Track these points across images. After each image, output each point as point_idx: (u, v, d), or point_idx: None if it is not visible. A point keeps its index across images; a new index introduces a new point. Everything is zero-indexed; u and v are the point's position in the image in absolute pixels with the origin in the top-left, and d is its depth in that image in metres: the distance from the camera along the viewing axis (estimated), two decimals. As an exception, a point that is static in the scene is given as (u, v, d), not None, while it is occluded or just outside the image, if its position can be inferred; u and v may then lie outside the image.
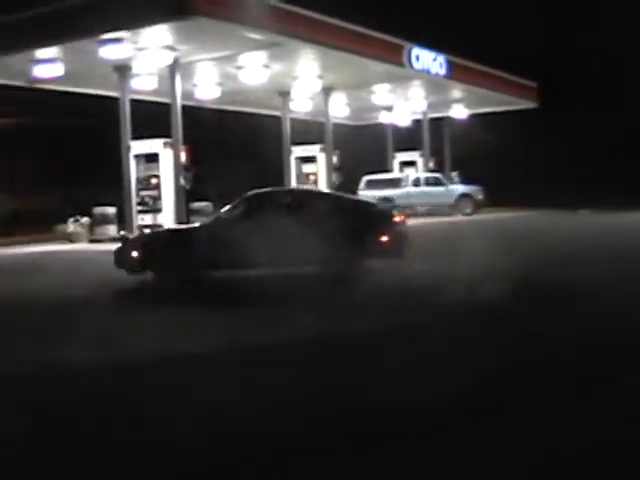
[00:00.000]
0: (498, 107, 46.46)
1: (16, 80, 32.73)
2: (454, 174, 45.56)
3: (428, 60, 36.69)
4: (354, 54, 31.49)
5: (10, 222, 36.25)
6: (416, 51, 35.78)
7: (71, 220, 31.72)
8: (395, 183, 41.06)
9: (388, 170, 45.12)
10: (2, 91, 38.23)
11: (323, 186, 38.05)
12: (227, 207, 17.00)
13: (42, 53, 28.65)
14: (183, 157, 29.40)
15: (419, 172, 44.12)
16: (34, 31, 27.46)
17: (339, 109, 42.34)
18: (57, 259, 24.78)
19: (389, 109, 44.05)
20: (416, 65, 35.81)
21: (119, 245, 16.81)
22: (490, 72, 41.65)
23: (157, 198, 30.10)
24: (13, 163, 40.39)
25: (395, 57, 34.56)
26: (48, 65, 29.21)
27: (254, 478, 5.71)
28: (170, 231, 19.72)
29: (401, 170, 46.03)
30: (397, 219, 16.68)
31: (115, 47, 26.72)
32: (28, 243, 30.73)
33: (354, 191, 40.12)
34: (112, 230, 30.59)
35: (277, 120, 38.65)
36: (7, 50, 28.22)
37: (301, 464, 5.81)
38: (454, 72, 38.58)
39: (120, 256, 16.07)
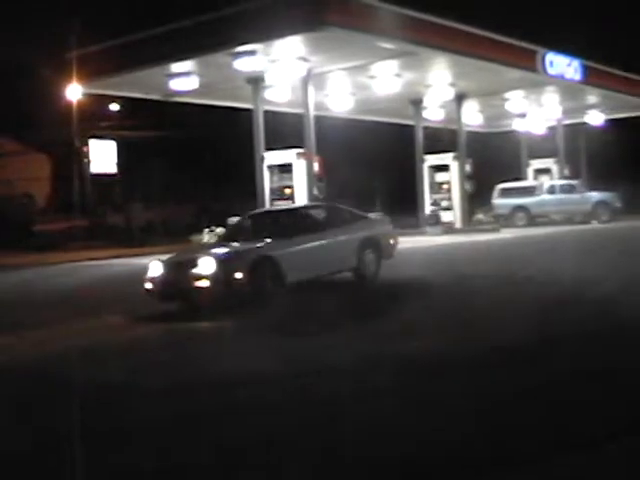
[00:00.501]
0: (636, 112, 45.23)
1: (152, 94, 33.56)
2: (577, 182, 44.01)
3: (562, 65, 35.97)
4: (487, 61, 31.12)
5: (145, 232, 37.09)
6: (550, 56, 35.12)
7: (206, 230, 32.21)
8: (530, 191, 40.36)
9: (522, 178, 44.40)
10: (139, 105, 39.38)
11: (456, 195, 37.69)
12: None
13: (178, 67, 29.23)
14: (316, 167, 29.56)
15: (554, 179, 43.27)
16: (170, 45, 28.03)
17: (472, 117, 41.92)
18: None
19: (523, 116, 43.37)
20: (550, 71, 35.15)
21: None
22: (627, 76, 40.60)
23: (291, 208, 30.31)
24: (150, 175, 41.39)
25: (529, 63, 34.01)
26: (183, 78, 29.80)
27: None
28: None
29: (535, 178, 45.21)
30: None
31: (249, 59, 27.07)
32: (162, 254, 31.30)
33: (488, 200, 39.68)
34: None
35: (409, 129, 38.50)
36: (144, 64, 28.93)
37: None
38: (589, 77, 37.72)
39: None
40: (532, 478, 5.74)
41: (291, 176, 30.45)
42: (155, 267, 15.00)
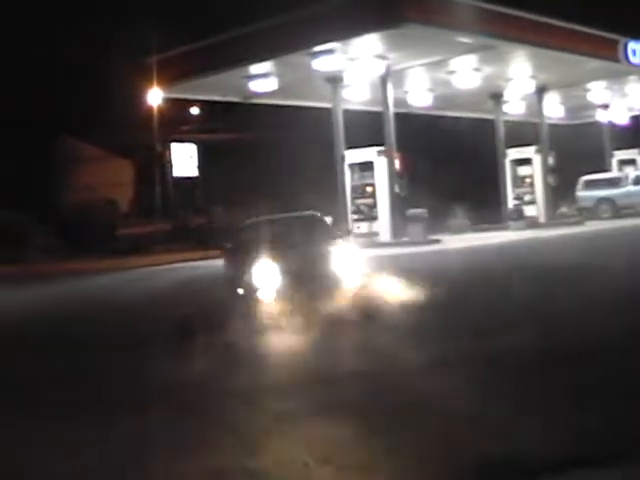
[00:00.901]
0: None
1: (231, 96, 33.80)
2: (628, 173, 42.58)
3: (646, 54, 35.28)
4: (567, 52, 30.71)
5: (227, 234, 37.29)
6: (632, 45, 34.40)
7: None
8: (614, 182, 39.65)
9: (606, 169, 43.65)
10: (219, 107, 39.69)
11: (539, 188, 37.23)
12: None
13: (256, 68, 29.39)
14: (397, 164, 29.46)
15: (639, 170, 42.45)
16: (248, 47, 28.20)
17: (553, 109, 41.35)
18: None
19: (605, 107, 42.64)
20: (633, 59, 34.43)
21: None
22: None
23: (372, 206, 30.30)
24: (230, 176, 41.66)
25: (610, 52, 33.41)
26: (262, 80, 29.96)
27: None
28: None
29: (620, 169, 44.40)
30: None
31: (327, 58, 27.14)
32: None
33: (571, 192, 39.09)
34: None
35: (490, 123, 38.14)
36: (223, 67, 29.15)
37: None
38: (674, 64, 36.92)
39: None
40: None
41: (372, 174, 30.39)
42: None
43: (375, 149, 30.26)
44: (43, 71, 42.67)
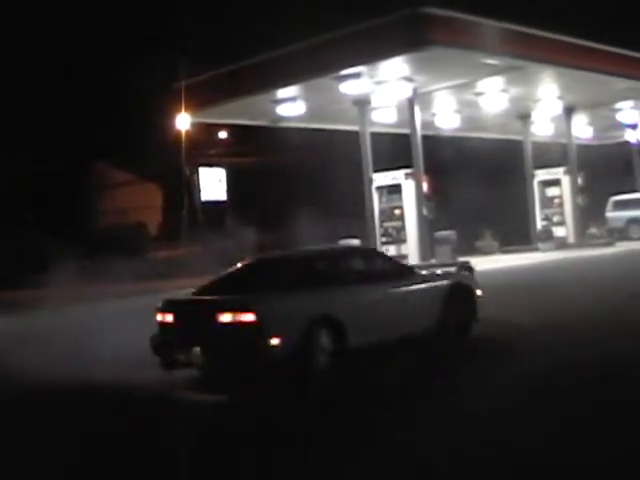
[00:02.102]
0: None
1: (259, 120, 33.98)
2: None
3: (674, 73, 35.08)
4: (595, 72, 30.62)
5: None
6: (660, 64, 34.32)
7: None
8: (644, 203, 39.42)
9: (636, 190, 43.39)
10: (247, 131, 39.89)
11: (568, 209, 37.09)
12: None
13: (284, 92, 29.51)
14: (425, 187, 29.44)
15: (669, 190, 42.18)
16: (276, 72, 28.36)
17: (581, 129, 41.22)
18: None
19: (634, 127, 42.42)
20: (661, 79, 34.33)
21: None
22: None
23: (401, 229, 30.29)
24: (259, 200, 41.80)
25: (638, 72, 33.29)
26: (290, 104, 30.08)
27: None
28: None
29: (649, 189, 44.13)
30: None
31: (354, 82, 27.24)
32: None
33: (601, 213, 38.86)
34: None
35: (518, 144, 38.07)
36: (251, 92, 29.30)
37: None
38: (703, 83, 36.71)
39: None
40: None
41: (400, 197, 30.39)
42: None
43: (403, 172, 30.26)
44: (75, 98, 43.07)
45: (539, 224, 37.01)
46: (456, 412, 8.59)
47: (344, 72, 26.92)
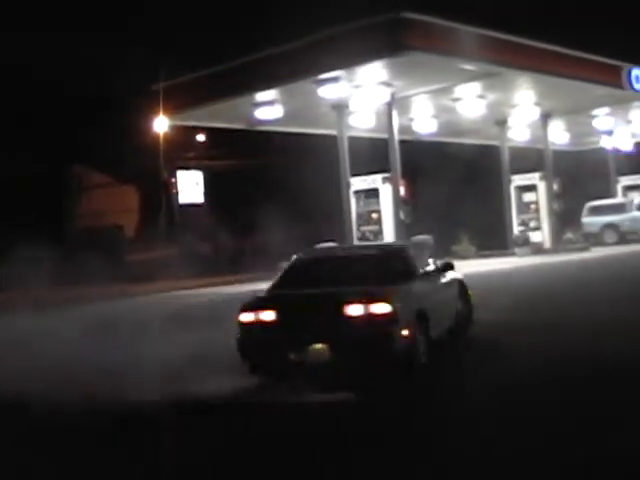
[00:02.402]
0: None
1: (237, 124, 33.97)
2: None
3: (649, 80, 35.35)
4: (571, 79, 30.82)
5: (234, 261, 37.37)
6: (636, 72, 34.53)
7: (294, 257, 32.19)
8: (619, 208, 39.71)
9: (611, 195, 43.72)
10: (225, 134, 39.84)
11: (544, 215, 37.32)
12: None
13: (262, 96, 29.53)
14: (402, 191, 29.55)
15: (644, 196, 42.49)
16: (254, 75, 28.37)
17: (558, 135, 41.49)
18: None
19: (610, 133, 42.74)
20: (637, 86, 34.56)
21: None
22: None
23: (378, 233, 30.38)
24: (236, 203, 41.71)
25: (614, 79, 33.54)
26: (268, 107, 30.09)
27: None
28: None
29: (625, 195, 44.47)
30: None
31: (332, 86, 27.31)
32: (253, 281, 31.49)
33: (577, 218, 39.10)
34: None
35: (495, 149, 38.26)
36: (229, 95, 29.30)
37: None
38: (678, 91, 37.00)
39: None
40: None
41: (377, 201, 30.50)
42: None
43: (380, 176, 30.37)
44: (52, 100, 42.87)
45: (516, 229, 37.20)
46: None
47: (323, 76, 26.99)
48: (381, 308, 10.13)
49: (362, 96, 28.89)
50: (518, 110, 34.90)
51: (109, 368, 11.50)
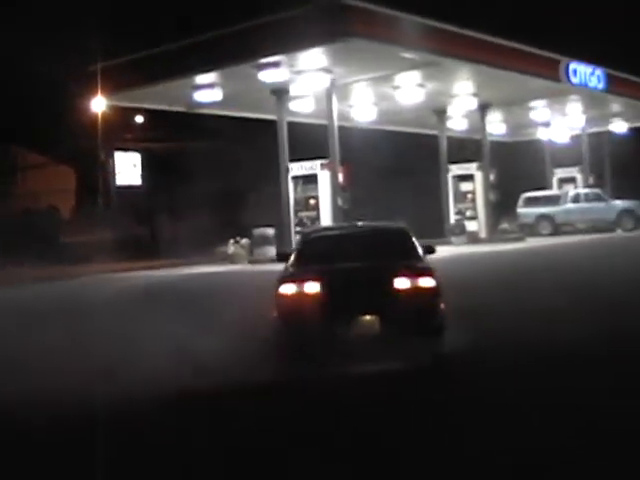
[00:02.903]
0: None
1: (176, 106, 33.73)
2: (602, 190, 43.27)
3: (586, 74, 35.85)
4: (510, 70, 31.12)
5: (170, 244, 37.18)
6: (573, 65, 35.03)
7: (231, 241, 32.23)
8: (554, 200, 40.28)
9: (547, 187, 44.30)
10: (162, 117, 39.56)
11: (481, 204, 37.71)
12: None
13: (202, 79, 29.36)
14: (340, 178, 29.62)
15: (578, 188, 43.13)
16: (194, 57, 28.20)
17: (496, 126, 41.91)
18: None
19: (547, 125, 43.28)
20: (574, 80, 35.05)
21: None
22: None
23: (315, 219, 30.42)
24: (174, 187, 41.46)
25: (552, 72, 33.94)
26: (208, 90, 29.93)
27: None
28: None
29: (560, 187, 45.10)
30: None
31: (273, 71, 27.25)
32: (190, 265, 31.42)
33: (513, 209, 39.54)
34: (272, 251, 30.97)
35: (433, 139, 38.51)
36: (168, 77, 29.07)
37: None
38: (613, 85, 37.55)
39: None
40: None
41: (316, 187, 30.53)
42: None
43: (319, 162, 30.41)
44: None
45: (452, 218, 37.53)
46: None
47: (263, 60, 26.91)
48: (428, 282, 10.50)
49: (302, 82, 28.86)
50: (457, 100, 35.14)
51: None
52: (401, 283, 10.45)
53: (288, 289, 10.63)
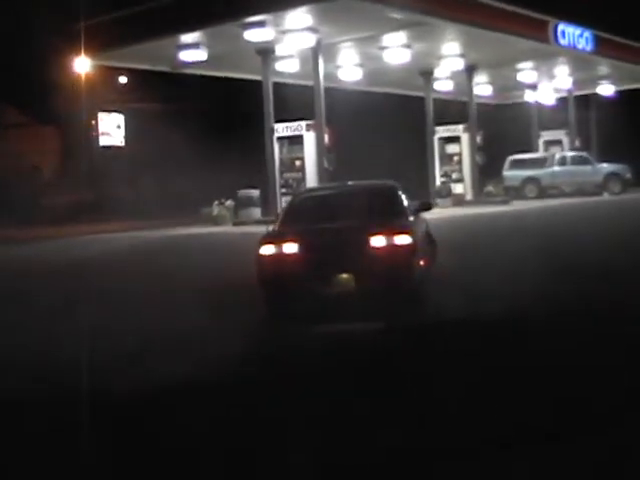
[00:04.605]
0: (647, 83, 44.96)
1: (161, 66, 33.41)
2: (588, 153, 43.21)
3: (574, 36, 35.62)
4: (497, 31, 30.84)
5: (154, 205, 37.03)
6: (562, 27, 34.79)
7: (216, 203, 32.08)
8: (540, 163, 40.14)
9: (533, 149, 44.19)
10: (147, 76, 39.20)
11: (467, 167, 37.62)
12: None
13: (186, 38, 29.04)
14: (326, 139, 29.43)
15: (565, 151, 43.03)
16: (179, 16, 27.88)
17: (483, 88, 41.68)
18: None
19: (534, 87, 43.09)
20: (562, 41, 34.83)
21: None
22: (638, 47, 40.21)
23: (301, 180, 30.26)
24: (158, 147, 41.17)
25: (540, 33, 33.69)
26: (192, 50, 29.60)
27: None
28: None
29: (546, 149, 44.99)
30: None
31: (258, 30, 26.95)
32: (174, 226, 31.26)
33: (498, 171, 39.44)
34: (256, 213, 30.86)
35: (420, 100, 38.29)
36: (153, 36, 28.73)
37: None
38: (601, 47, 37.36)
39: None
40: None
41: (301, 148, 30.34)
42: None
43: (304, 123, 30.19)
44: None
45: (438, 180, 37.40)
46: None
47: (249, 19, 26.61)
48: (403, 240, 10.66)
49: (288, 41, 28.57)
50: (444, 61, 34.86)
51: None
52: (377, 241, 10.64)
53: (268, 250, 10.82)
